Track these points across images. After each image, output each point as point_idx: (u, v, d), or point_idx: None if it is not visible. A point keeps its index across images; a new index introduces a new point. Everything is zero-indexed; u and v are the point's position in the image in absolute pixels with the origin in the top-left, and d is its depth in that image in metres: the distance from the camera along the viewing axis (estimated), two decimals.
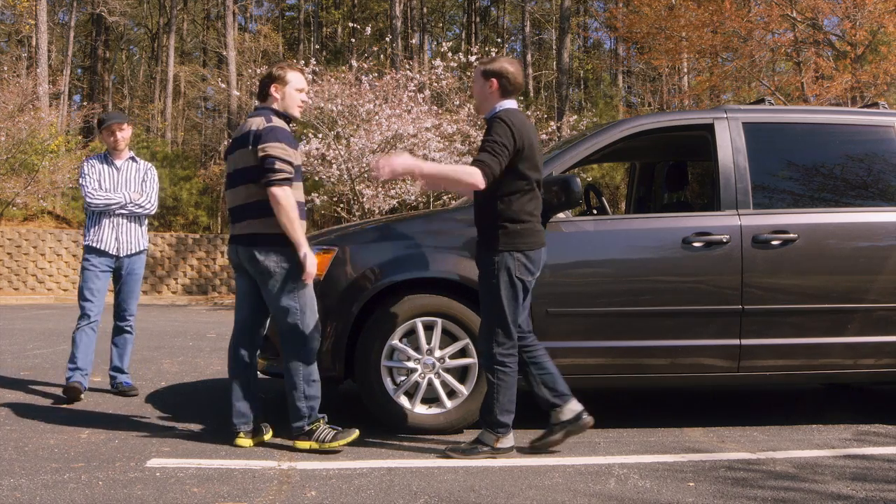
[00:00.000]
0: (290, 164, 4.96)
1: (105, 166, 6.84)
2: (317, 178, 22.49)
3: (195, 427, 5.53)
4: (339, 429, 4.98)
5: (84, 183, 6.71)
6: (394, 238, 5.58)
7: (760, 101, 6.52)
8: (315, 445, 4.94)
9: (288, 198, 4.87)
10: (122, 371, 6.87)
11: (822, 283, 5.63)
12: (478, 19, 47.76)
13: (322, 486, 4.12)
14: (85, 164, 6.84)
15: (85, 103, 40.60)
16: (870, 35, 19.82)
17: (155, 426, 5.53)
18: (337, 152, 20.76)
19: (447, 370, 5.39)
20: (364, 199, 21.14)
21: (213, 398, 6.64)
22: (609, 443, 5.24)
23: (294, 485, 4.15)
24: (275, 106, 5.15)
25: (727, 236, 5.53)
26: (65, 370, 6.60)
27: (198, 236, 25.86)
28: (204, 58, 47.64)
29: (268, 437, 5.13)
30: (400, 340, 5.36)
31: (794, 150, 6.07)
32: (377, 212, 21.06)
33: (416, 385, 5.37)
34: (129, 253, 6.78)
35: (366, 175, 21.05)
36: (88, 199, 6.66)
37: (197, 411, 6.06)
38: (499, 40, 37.40)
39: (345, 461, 4.65)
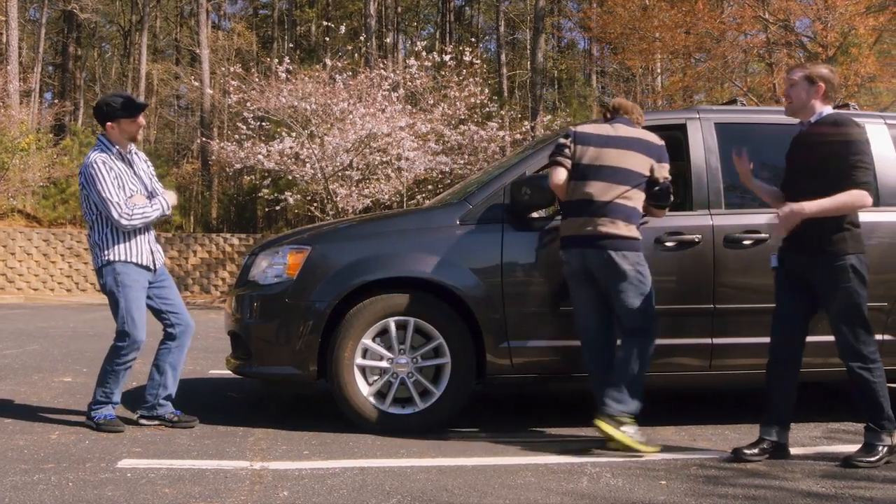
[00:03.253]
0: None
1: (122, 163, 5.51)
2: (290, 177, 22.43)
3: (167, 427, 5.49)
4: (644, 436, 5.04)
5: (107, 195, 5.32)
6: (367, 237, 5.57)
7: (732, 101, 6.56)
8: (619, 436, 4.93)
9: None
10: (171, 398, 5.66)
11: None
12: (452, 19, 47.74)
13: (294, 486, 4.10)
14: (98, 163, 5.38)
15: (56, 101, 40.22)
16: (841, 37, 19.99)
17: (126, 426, 5.48)
18: (311, 151, 20.72)
19: (420, 370, 5.38)
20: (338, 198, 21.10)
21: (185, 398, 6.60)
22: (582, 441, 5.25)
23: (266, 485, 4.13)
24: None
25: (699, 236, 5.56)
26: (89, 399, 5.65)
27: (170, 235, 25.73)
28: (177, 56, 47.37)
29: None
30: (373, 340, 5.35)
31: (765, 151, 6.09)
32: (351, 211, 21.02)
33: (389, 385, 5.36)
34: (160, 266, 5.66)
35: (339, 174, 21.03)
36: (124, 222, 5.32)
37: None
38: (473, 40, 37.39)
39: (317, 461, 4.63)
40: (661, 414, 5.80)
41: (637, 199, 5.13)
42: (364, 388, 5.34)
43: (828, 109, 4.93)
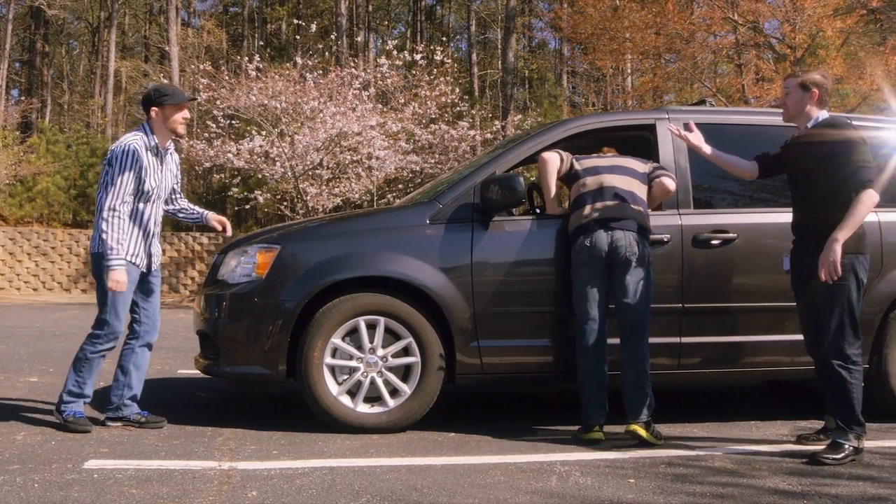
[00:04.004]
0: None
1: (153, 157, 5.43)
2: (260, 176, 22.34)
3: (134, 427, 5.45)
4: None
5: (118, 181, 5.23)
6: (337, 237, 5.56)
7: (702, 102, 6.60)
8: (650, 438, 5.11)
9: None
10: (136, 399, 5.61)
11: (761, 282, 5.71)
12: (423, 18, 47.72)
13: (263, 486, 4.08)
14: (129, 151, 5.28)
15: (23, 98, 39.85)
16: (809, 38, 20.16)
17: (93, 427, 5.43)
18: (281, 150, 20.65)
19: (390, 369, 5.37)
20: (308, 197, 21.04)
21: (153, 398, 6.55)
22: (551, 440, 5.26)
23: (235, 485, 4.11)
24: None
25: (668, 236, 5.59)
26: (56, 399, 5.51)
27: None
28: (146, 53, 47.01)
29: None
30: (342, 339, 5.34)
31: (734, 151, 6.13)
32: (321, 210, 20.96)
33: (359, 384, 5.35)
34: (155, 268, 5.65)
35: (309, 173, 20.96)
36: (105, 213, 5.23)
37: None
38: (444, 39, 37.39)
39: (286, 461, 4.61)
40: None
41: (646, 196, 5.45)
42: (334, 388, 5.33)
43: (823, 114, 5.09)
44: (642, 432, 5.09)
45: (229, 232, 5.89)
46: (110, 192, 5.25)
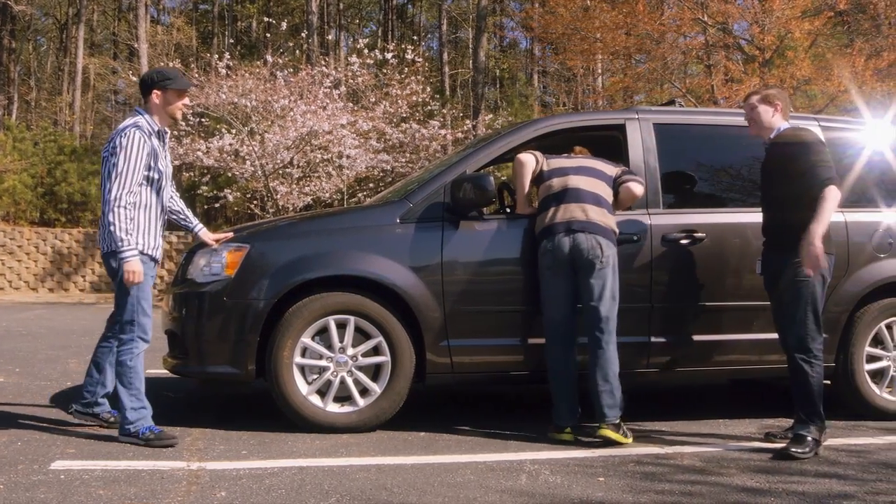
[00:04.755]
0: None
1: (157, 140, 5.16)
2: (230, 175, 22.22)
3: (102, 428, 5.39)
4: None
5: (123, 169, 4.94)
6: (307, 235, 5.54)
7: (671, 102, 6.63)
8: (620, 438, 5.10)
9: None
10: (109, 396, 5.41)
11: (729, 282, 5.75)
12: (394, 17, 47.66)
13: (232, 487, 4.06)
14: (134, 136, 5.01)
15: None
16: (777, 40, 20.32)
17: (60, 427, 5.38)
18: (251, 148, 20.54)
19: (360, 368, 5.36)
20: (278, 196, 20.96)
21: None
22: (521, 439, 5.27)
23: (203, 485, 4.09)
24: None
25: (637, 235, 5.61)
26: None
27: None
28: (115, 50, 46.60)
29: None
30: (312, 338, 5.32)
31: (703, 151, 6.19)
32: (291, 209, 20.89)
33: (329, 383, 5.33)
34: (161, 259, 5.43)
35: (279, 172, 20.89)
36: (111, 205, 4.93)
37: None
38: (415, 38, 37.36)
39: (256, 461, 4.59)
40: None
41: (611, 198, 5.40)
42: (303, 387, 5.31)
43: (784, 124, 5.26)
44: (610, 434, 5.10)
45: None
46: (116, 183, 4.94)
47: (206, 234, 5.56)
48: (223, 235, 5.59)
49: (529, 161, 5.50)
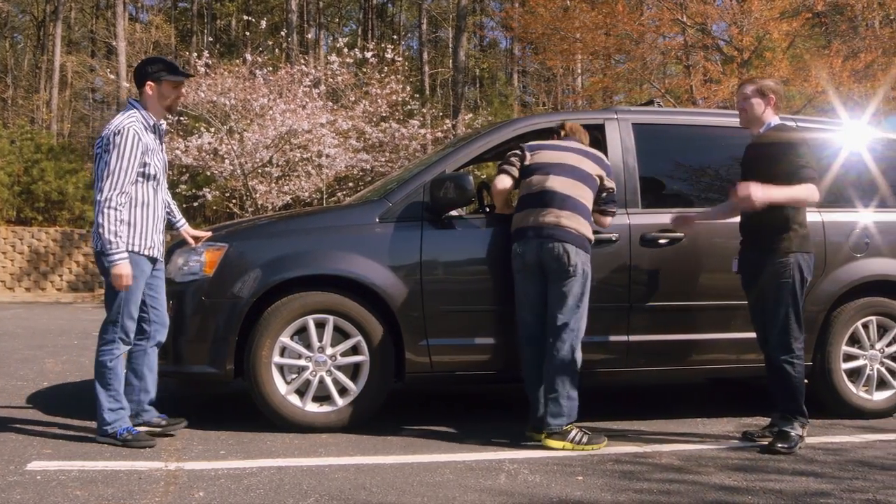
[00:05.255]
0: None
1: (152, 135, 5.03)
2: (209, 174, 22.13)
3: (79, 428, 5.36)
4: (589, 432, 5.08)
5: (116, 167, 4.81)
6: (286, 235, 5.52)
7: (650, 102, 6.65)
8: (569, 446, 5.00)
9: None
10: (154, 402, 5.27)
11: (708, 281, 5.78)
12: (374, 16, 47.58)
13: (210, 487, 4.05)
14: (129, 133, 4.86)
15: None
16: (756, 41, 20.42)
17: (36, 428, 5.34)
18: (230, 147, 20.47)
19: (339, 368, 5.35)
20: (257, 195, 20.89)
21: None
22: (500, 439, 5.27)
23: (181, 485, 4.07)
24: None
25: (616, 235, 5.62)
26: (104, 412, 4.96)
27: (84, 231, 25.14)
28: (92, 48, 46.32)
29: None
30: (291, 338, 5.31)
31: (681, 151, 6.21)
32: (270, 208, 20.82)
33: (308, 383, 5.32)
34: (162, 256, 5.27)
35: (259, 171, 20.81)
36: (102, 205, 4.81)
37: (81, 412, 5.87)
38: (395, 37, 37.32)
39: (234, 461, 4.57)
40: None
41: (590, 201, 5.25)
42: (282, 387, 5.29)
43: (776, 120, 5.26)
44: (551, 443, 5.01)
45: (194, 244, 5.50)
46: (108, 183, 4.81)
47: (187, 232, 5.50)
48: (203, 234, 5.54)
49: (503, 189, 5.39)
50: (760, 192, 4.88)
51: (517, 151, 5.42)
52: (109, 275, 4.88)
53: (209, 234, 5.57)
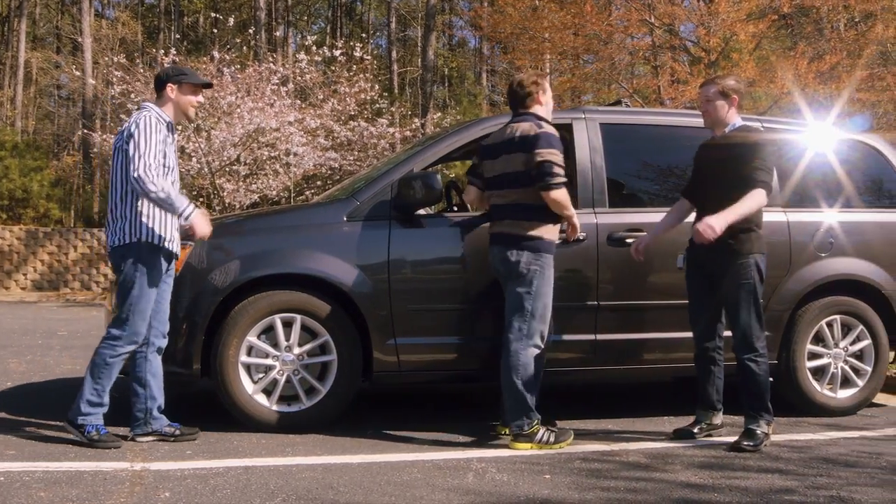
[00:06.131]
0: (562, 168, 5.10)
1: (169, 133, 5.02)
2: None
3: (43, 428, 5.30)
4: (556, 429, 5.10)
5: (144, 150, 4.75)
6: (253, 233, 5.49)
7: (618, 102, 6.68)
8: (536, 447, 4.99)
9: (566, 198, 5.10)
10: (162, 409, 5.14)
11: (674, 280, 5.79)
12: (343, 14, 47.49)
13: (176, 487, 4.02)
14: (149, 120, 4.87)
15: None
16: (723, 42, 20.55)
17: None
18: (197, 145, 20.32)
19: (306, 367, 5.33)
20: (224, 194, 20.75)
21: (63, 398, 6.40)
22: (468, 438, 5.28)
23: (147, 486, 4.04)
24: (539, 112, 5.28)
25: (583, 234, 5.64)
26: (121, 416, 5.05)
27: (49, 230, 24.90)
28: (58, 44, 45.85)
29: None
30: (258, 337, 5.28)
31: (649, 151, 6.25)
32: (238, 206, 20.71)
33: (275, 382, 5.29)
34: (178, 253, 5.15)
35: (226, 169, 20.70)
36: (146, 183, 4.71)
37: (46, 412, 5.81)
38: (364, 35, 37.27)
39: (200, 461, 4.54)
40: (544, 409, 5.85)
41: (531, 196, 5.13)
42: (249, 387, 5.26)
43: (740, 120, 5.31)
44: (517, 445, 5.01)
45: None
46: (140, 162, 4.72)
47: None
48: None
49: (470, 197, 5.57)
50: (721, 225, 4.91)
51: (475, 160, 5.53)
52: (123, 273, 4.86)
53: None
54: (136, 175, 4.74)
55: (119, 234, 4.89)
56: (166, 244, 4.92)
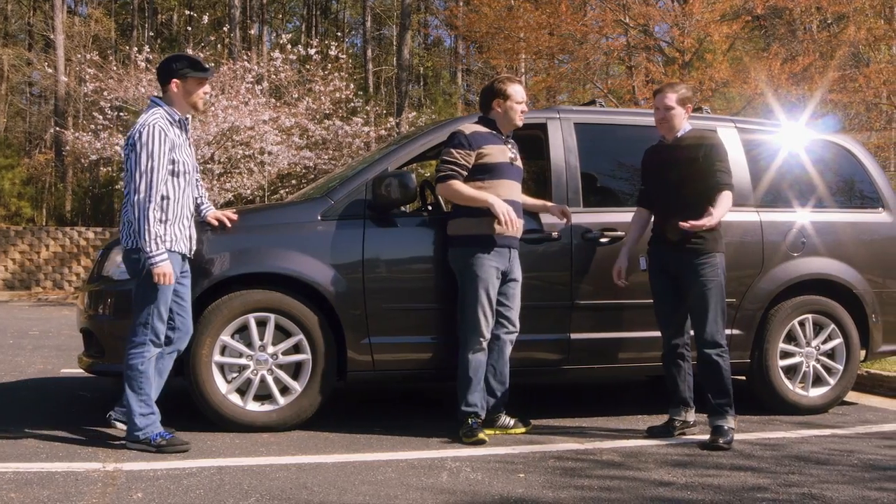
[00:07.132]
0: (456, 163, 5.24)
1: (178, 130, 4.94)
2: None
3: (14, 429, 5.25)
4: (516, 416, 5.45)
5: (148, 167, 4.70)
6: (227, 232, 5.45)
7: (592, 102, 6.69)
8: (499, 432, 5.33)
9: (454, 190, 5.24)
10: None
11: (648, 279, 5.83)
12: (318, 12, 47.32)
13: (149, 488, 3.99)
14: (155, 128, 4.77)
15: None
16: (697, 43, 20.65)
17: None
18: None
19: (280, 366, 5.31)
20: None
21: (35, 398, 6.35)
22: (442, 437, 5.27)
23: (119, 487, 4.01)
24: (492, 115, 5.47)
25: (558, 233, 5.65)
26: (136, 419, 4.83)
27: (21, 228, 24.68)
28: (30, 41, 45.39)
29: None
30: (232, 336, 5.25)
31: (623, 151, 6.27)
32: (212, 205, 20.62)
33: (249, 382, 5.27)
34: (192, 254, 5.14)
35: (200, 168, 20.55)
36: (144, 203, 4.70)
37: (17, 412, 5.77)
38: (339, 34, 37.18)
39: (173, 461, 4.51)
40: (518, 408, 5.86)
41: (467, 195, 5.26)
42: (223, 386, 5.24)
43: (688, 125, 5.40)
44: (488, 431, 5.27)
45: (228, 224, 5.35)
46: (143, 183, 4.70)
47: (213, 216, 5.34)
48: (229, 215, 5.37)
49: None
50: (697, 225, 5.02)
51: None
52: (139, 274, 4.80)
53: (235, 216, 5.40)
54: (135, 197, 4.74)
55: (133, 238, 4.83)
56: (178, 247, 4.88)
